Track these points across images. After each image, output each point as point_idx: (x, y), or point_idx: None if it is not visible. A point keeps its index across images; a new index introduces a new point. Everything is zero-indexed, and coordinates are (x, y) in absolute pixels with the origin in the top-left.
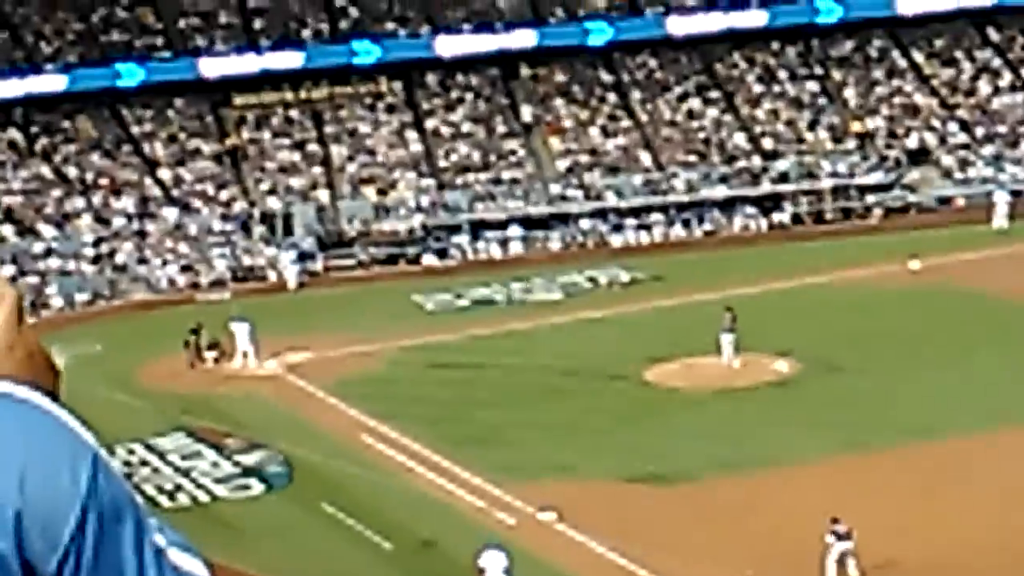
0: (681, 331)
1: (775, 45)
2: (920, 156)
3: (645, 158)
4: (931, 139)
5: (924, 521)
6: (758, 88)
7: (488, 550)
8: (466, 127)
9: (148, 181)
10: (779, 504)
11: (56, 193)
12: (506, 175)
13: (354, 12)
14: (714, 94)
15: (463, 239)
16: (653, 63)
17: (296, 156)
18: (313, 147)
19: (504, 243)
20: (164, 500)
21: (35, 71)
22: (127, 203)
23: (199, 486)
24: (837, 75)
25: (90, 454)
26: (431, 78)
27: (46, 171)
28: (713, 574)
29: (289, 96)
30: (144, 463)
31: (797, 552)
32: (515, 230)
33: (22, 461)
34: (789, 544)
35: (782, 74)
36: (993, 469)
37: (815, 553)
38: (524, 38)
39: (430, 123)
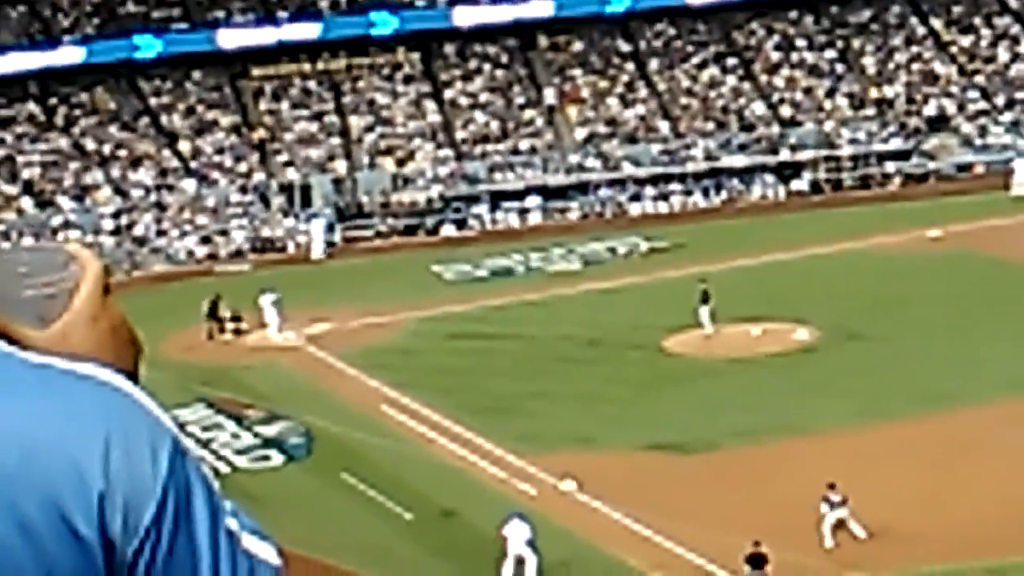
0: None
1: (793, 13)
2: (939, 123)
3: (663, 127)
4: (950, 106)
5: (942, 489)
6: (776, 56)
7: (513, 519)
8: (484, 97)
9: (166, 153)
10: (797, 472)
11: (75, 166)
12: (524, 145)
13: None
14: (732, 62)
15: (482, 209)
16: (671, 32)
17: (314, 127)
18: (331, 118)
19: (523, 213)
20: None
21: (53, 44)
22: (145, 175)
23: (219, 457)
24: (855, 43)
25: (169, 437)
26: (449, 48)
27: (64, 144)
28: (732, 542)
29: (307, 67)
30: None
31: (815, 520)
32: (533, 200)
33: (104, 444)
34: (807, 512)
35: (800, 42)
36: (1012, 438)
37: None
38: (542, 8)
39: (448, 94)
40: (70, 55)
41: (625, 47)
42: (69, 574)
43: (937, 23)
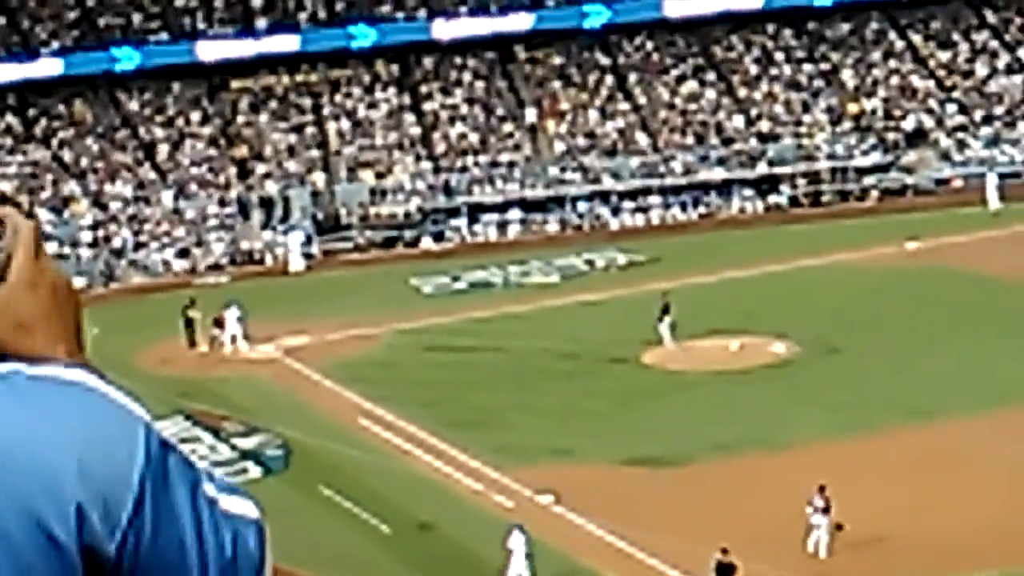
0: (678, 314)
1: (772, 27)
2: (917, 138)
3: (642, 140)
4: (928, 121)
5: (921, 502)
6: (755, 70)
7: (514, 532)
8: (463, 110)
9: (145, 165)
10: (776, 486)
11: (53, 178)
12: (503, 158)
13: None
14: (711, 76)
15: (461, 222)
16: (650, 45)
17: (293, 139)
18: (310, 131)
19: (502, 226)
20: None
21: (31, 56)
22: (124, 187)
23: None
24: (834, 57)
25: (141, 427)
26: (428, 61)
27: (43, 156)
28: (710, 555)
29: (286, 80)
30: None
31: (794, 533)
32: (513, 213)
33: (78, 447)
34: (787, 525)
35: (779, 56)
36: (990, 450)
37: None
38: (521, 21)
39: (427, 106)
40: (49, 67)
41: (604, 60)
42: None
43: (916, 38)
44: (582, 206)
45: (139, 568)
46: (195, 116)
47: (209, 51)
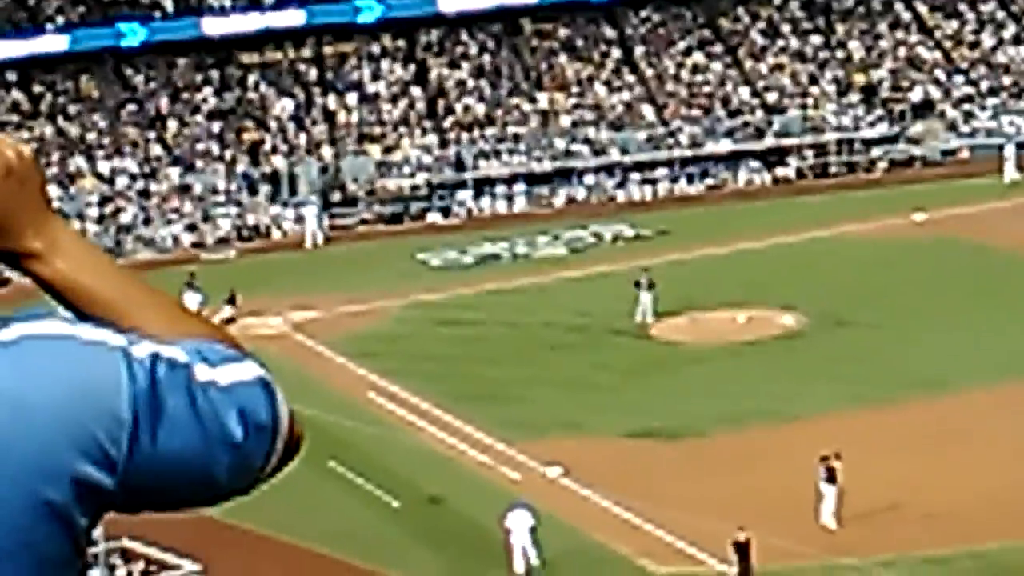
0: (686, 286)
1: None
2: (924, 109)
3: (649, 113)
4: (935, 92)
5: (930, 473)
6: (762, 42)
7: (515, 509)
8: (470, 84)
9: (152, 140)
10: (784, 458)
11: (59, 154)
12: (510, 131)
13: None
14: (718, 48)
15: (468, 196)
16: (657, 18)
17: (300, 114)
18: (317, 105)
19: (509, 199)
20: None
21: (37, 32)
22: (131, 163)
23: None
24: (840, 28)
25: (120, 355)
26: (434, 35)
27: (49, 132)
28: (718, 528)
29: (292, 54)
30: None
31: (803, 505)
32: (520, 186)
33: (65, 408)
34: (795, 497)
35: (785, 28)
36: (998, 422)
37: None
38: None
39: (434, 80)
40: (54, 43)
41: (611, 33)
42: (45, 543)
43: (922, 8)
44: (589, 179)
45: (146, 486)
46: (201, 91)
47: (215, 26)
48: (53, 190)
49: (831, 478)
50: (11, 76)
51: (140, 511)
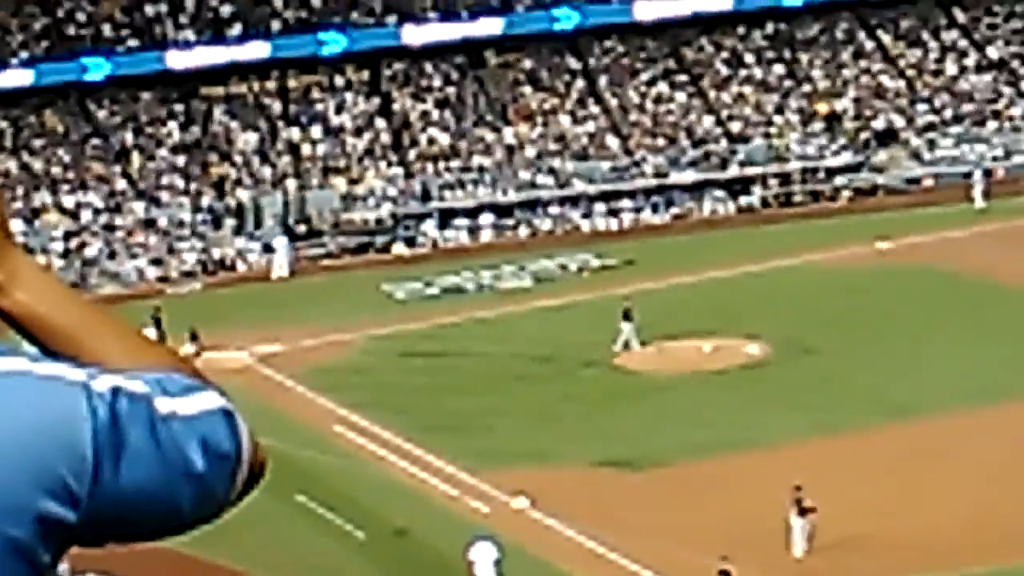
0: (652, 315)
1: (742, 29)
2: (888, 137)
3: (613, 143)
4: (899, 120)
5: (898, 501)
6: (725, 72)
7: (478, 542)
8: (434, 115)
9: (116, 175)
10: (752, 487)
11: (23, 188)
12: (475, 163)
13: (320, 2)
14: (682, 78)
15: (433, 227)
16: (620, 48)
17: (265, 146)
18: (281, 137)
19: (474, 231)
20: None
21: (1, 66)
22: (95, 197)
23: None
24: (804, 57)
25: (81, 391)
26: (398, 67)
27: (13, 166)
28: (687, 557)
29: (257, 86)
30: None
31: (771, 534)
32: (485, 217)
33: (25, 448)
34: (762, 526)
35: (749, 58)
36: (966, 448)
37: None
38: (491, 25)
39: (398, 112)
40: (19, 77)
41: (575, 64)
42: None
43: (885, 37)
44: (554, 210)
45: (109, 519)
46: (166, 125)
47: (179, 59)
48: (17, 225)
49: (803, 510)
50: None
51: (104, 544)
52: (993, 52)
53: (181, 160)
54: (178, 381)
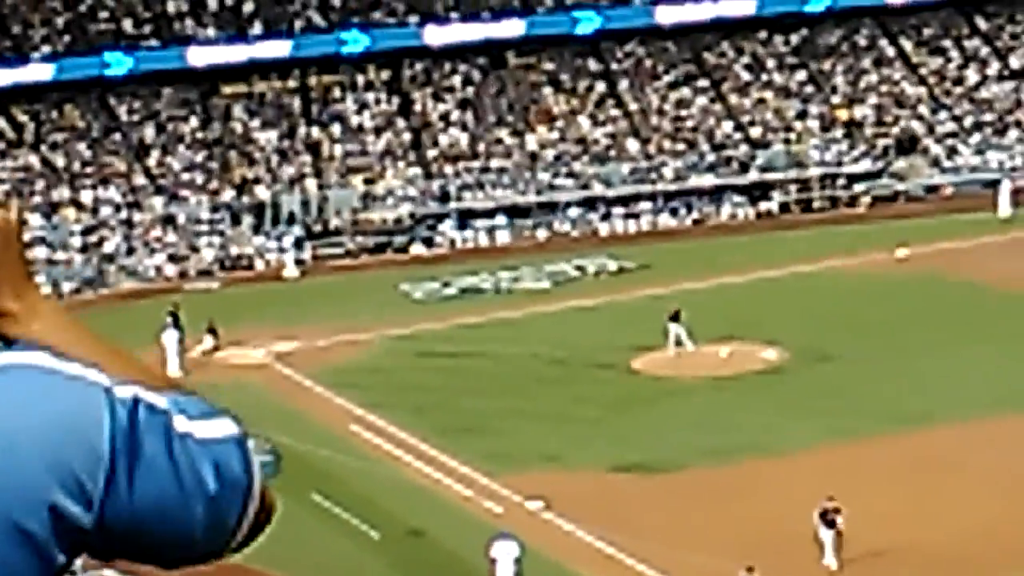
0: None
1: (763, 34)
2: (908, 145)
3: (633, 147)
4: (919, 128)
5: (914, 509)
6: (746, 77)
7: (500, 540)
8: (454, 116)
9: (136, 170)
10: (767, 492)
11: (43, 183)
12: (494, 164)
13: (341, 1)
14: (702, 83)
15: (451, 228)
16: (641, 52)
17: (284, 145)
18: (301, 136)
19: (492, 232)
20: None
21: (22, 61)
22: (115, 193)
23: None
24: (825, 64)
25: (102, 393)
26: (419, 67)
27: (34, 161)
28: (701, 562)
29: (277, 85)
30: None
31: (786, 540)
32: (503, 219)
33: (45, 439)
34: (778, 532)
35: (770, 63)
36: (983, 457)
37: (804, 541)
38: (512, 27)
39: (418, 112)
40: (40, 72)
41: (595, 67)
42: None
43: (907, 45)
44: (573, 212)
45: (122, 529)
46: (186, 122)
47: (200, 56)
48: (36, 220)
49: (831, 522)
50: None
51: (115, 556)
52: (1015, 61)
53: (200, 157)
54: (197, 404)
